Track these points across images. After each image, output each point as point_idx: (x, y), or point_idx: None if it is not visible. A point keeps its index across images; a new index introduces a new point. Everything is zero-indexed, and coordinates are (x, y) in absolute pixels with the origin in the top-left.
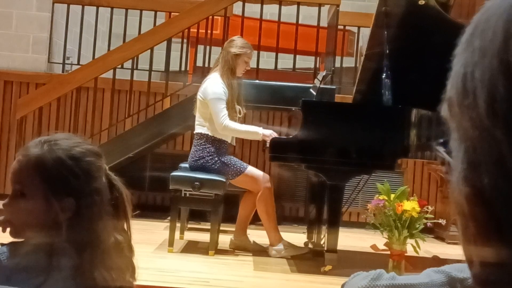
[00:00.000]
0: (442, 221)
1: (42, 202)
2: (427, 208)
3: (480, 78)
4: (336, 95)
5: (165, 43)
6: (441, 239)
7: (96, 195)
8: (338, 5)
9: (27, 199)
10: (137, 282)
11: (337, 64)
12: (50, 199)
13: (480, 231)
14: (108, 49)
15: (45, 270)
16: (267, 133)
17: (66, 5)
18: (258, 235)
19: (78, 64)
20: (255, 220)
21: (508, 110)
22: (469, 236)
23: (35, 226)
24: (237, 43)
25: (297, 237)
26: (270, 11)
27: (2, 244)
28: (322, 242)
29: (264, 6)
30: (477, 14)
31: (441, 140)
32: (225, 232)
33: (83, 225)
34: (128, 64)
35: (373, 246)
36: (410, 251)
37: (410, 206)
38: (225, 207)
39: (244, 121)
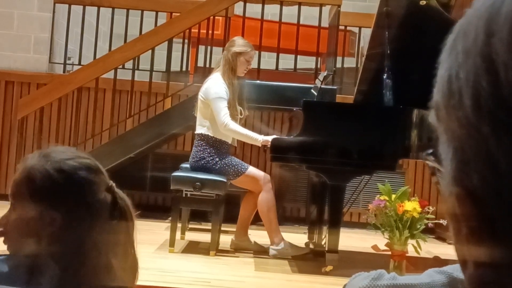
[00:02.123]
0: (443, 222)
1: (27, 215)
2: (428, 208)
3: (465, 77)
4: (337, 95)
5: (166, 43)
6: (442, 239)
7: (85, 211)
8: (339, 6)
9: (16, 211)
10: (139, 283)
11: (338, 65)
12: (34, 212)
13: (473, 231)
14: (109, 50)
15: (26, 285)
16: (267, 140)
17: (67, 5)
18: (259, 236)
19: (79, 64)
20: (256, 221)
21: (493, 105)
22: (462, 237)
23: (20, 239)
24: (238, 42)
25: (298, 237)
26: (271, 11)
27: None
28: (323, 243)
29: (265, 6)
30: (459, 21)
31: (430, 151)
32: (226, 232)
33: (68, 241)
34: (129, 65)
35: (374, 247)
36: (411, 251)
37: (411, 206)
38: (226, 207)
39: (245, 121)
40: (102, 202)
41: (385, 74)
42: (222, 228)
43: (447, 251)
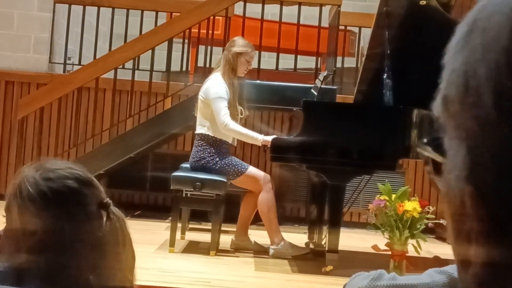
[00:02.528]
0: (443, 221)
1: (15, 224)
2: (428, 208)
3: (485, 75)
4: (337, 95)
5: (166, 43)
6: (442, 239)
7: (69, 221)
8: (339, 6)
9: (7, 221)
10: (138, 282)
11: (338, 65)
12: (21, 220)
13: (481, 231)
14: (109, 49)
15: None
16: (268, 140)
17: (67, 5)
18: (259, 236)
19: (79, 64)
20: (256, 221)
21: None
22: (465, 236)
23: (9, 248)
24: (238, 42)
25: (298, 237)
26: (271, 11)
27: None
28: (323, 243)
29: (265, 6)
30: (473, 11)
31: (426, 140)
32: (226, 232)
33: (50, 250)
34: (129, 64)
35: (374, 247)
36: (411, 251)
37: (411, 206)
38: (226, 207)
39: (245, 121)
40: (90, 216)
41: (385, 74)
42: (222, 228)
43: (447, 251)
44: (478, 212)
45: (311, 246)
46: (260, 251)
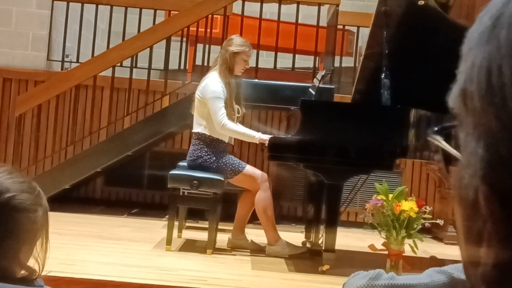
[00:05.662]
0: (440, 222)
1: None
2: (425, 208)
3: (510, 74)
4: (335, 94)
5: (164, 41)
6: (439, 239)
7: None
8: (337, 5)
9: None
10: (136, 281)
11: (337, 64)
12: None
13: (494, 231)
14: (108, 47)
15: None
16: (264, 138)
17: (65, 2)
18: (256, 234)
19: (77, 62)
20: (253, 219)
21: None
22: (475, 235)
23: None
24: (235, 41)
25: (295, 236)
26: (270, 10)
27: None
28: (320, 242)
29: (264, 5)
30: (496, 3)
31: (436, 128)
32: (223, 231)
33: None
34: (127, 62)
35: (371, 246)
36: (408, 251)
37: (408, 206)
38: (223, 206)
39: (243, 120)
40: None
41: (383, 74)
42: (219, 227)
43: (443, 251)
44: (492, 213)
45: (308, 245)
46: (257, 249)
